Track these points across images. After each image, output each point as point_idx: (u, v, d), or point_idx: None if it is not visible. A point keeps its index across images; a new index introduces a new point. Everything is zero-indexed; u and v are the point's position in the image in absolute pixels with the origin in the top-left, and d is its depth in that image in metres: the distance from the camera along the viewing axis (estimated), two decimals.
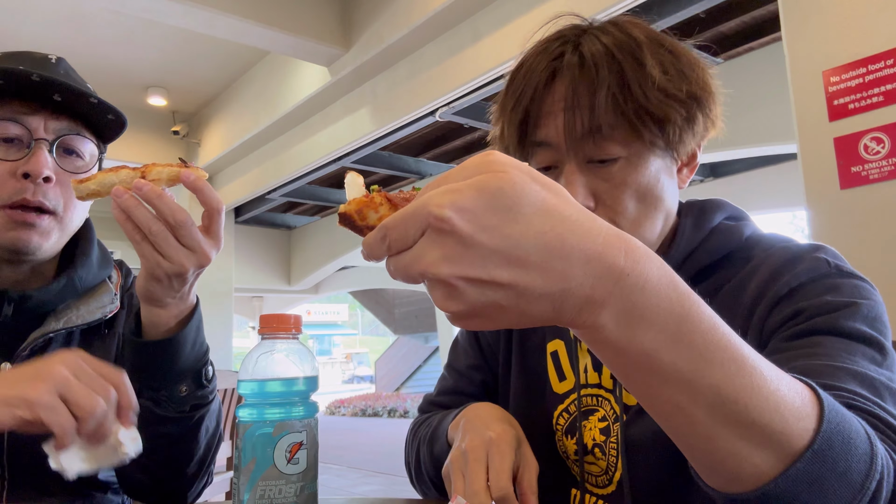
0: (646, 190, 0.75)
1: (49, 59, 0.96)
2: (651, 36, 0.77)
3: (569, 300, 0.38)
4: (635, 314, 0.39)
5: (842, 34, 2.41)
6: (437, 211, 0.37)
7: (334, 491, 6.23)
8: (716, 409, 0.41)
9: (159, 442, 0.87)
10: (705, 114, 0.77)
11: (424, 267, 0.38)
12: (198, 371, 0.87)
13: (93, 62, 5.43)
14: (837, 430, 0.43)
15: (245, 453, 0.59)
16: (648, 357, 0.40)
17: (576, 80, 0.74)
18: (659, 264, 0.41)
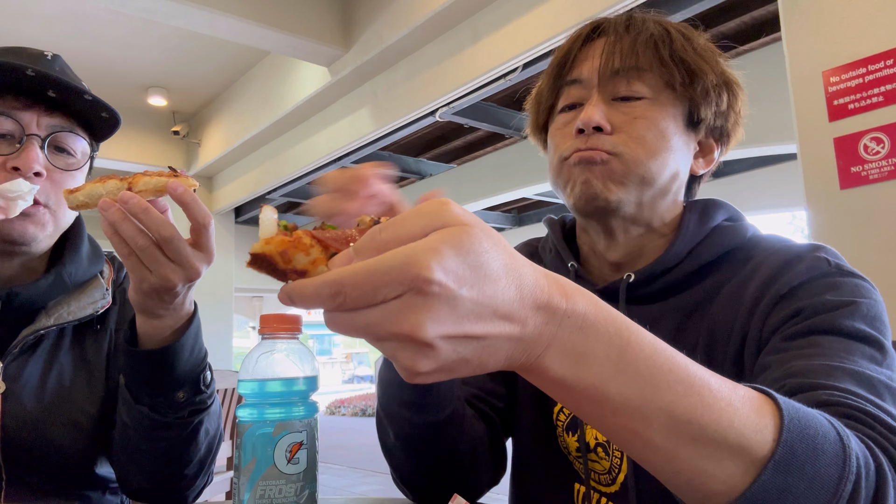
0: (663, 132, 0.76)
1: (45, 55, 0.96)
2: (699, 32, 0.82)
3: (519, 346, 0.39)
4: (577, 351, 0.40)
5: (842, 34, 2.41)
6: (427, 273, 0.36)
7: (334, 491, 6.23)
8: (671, 430, 0.41)
9: (158, 445, 0.87)
10: (731, 99, 0.80)
11: (408, 329, 0.36)
12: (196, 377, 0.86)
13: (93, 62, 5.43)
14: (800, 436, 0.43)
15: (245, 453, 0.59)
16: (596, 389, 0.41)
17: (620, 33, 0.78)
18: (594, 300, 0.42)
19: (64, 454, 0.92)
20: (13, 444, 0.89)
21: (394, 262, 0.36)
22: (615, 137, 0.76)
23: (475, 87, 4.21)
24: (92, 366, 0.98)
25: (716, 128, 0.81)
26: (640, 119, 0.76)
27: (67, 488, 0.94)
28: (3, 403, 0.89)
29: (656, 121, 0.76)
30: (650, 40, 0.76)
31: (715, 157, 0.84)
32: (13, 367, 0.92)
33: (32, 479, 0.91)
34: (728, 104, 0.80)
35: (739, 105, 0.82)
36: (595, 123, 0.75)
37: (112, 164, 6.40)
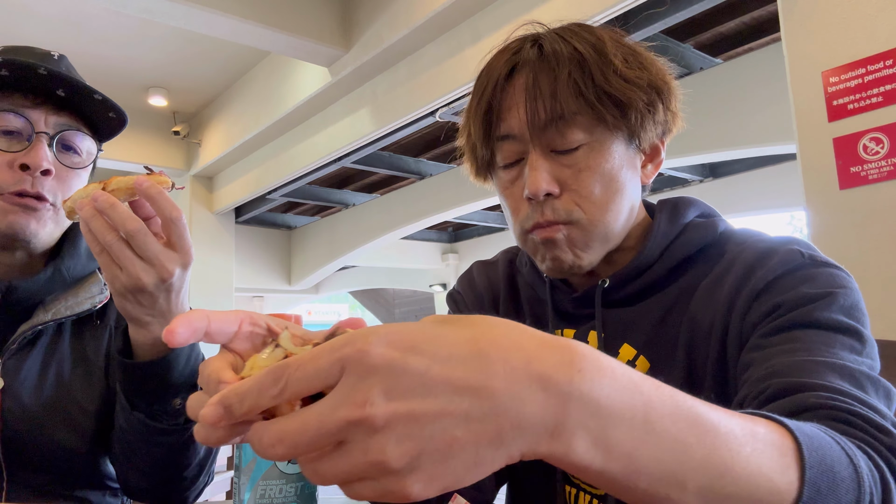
0: (610, 175, 0.75)
1: (51, 55, 0.96)
2: (611, 35, 0.78)
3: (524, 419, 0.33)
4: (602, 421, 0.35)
5: (841, 34, 2.41)
6: (359, 341, 0.32)
7: (334, 490, 6.21)
8: (706, 490, 0.38)
9: (156, 450, 0.86)
10: (666, 105, 0.78)
11: (357, 409, 0.31)
12: (192, 385, 0.85)
13: (93, 62, 5.43)
14: (821, 470, 0.42)
15: (245, 453, 0.59)
16: (629, 461, 0.36)
17: (536, 71, 0.74)
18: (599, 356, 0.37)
19: (64, 452, 0.92)
20: (13, 441, 0.89)
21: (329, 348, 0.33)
22: (566, 201, 0.75)
23: None
24: (91, 362, 0.97)
25: (658, 133, 0.80)
26: (585, 171, 0.74)
27: (69, 488, 0.94)
28: (3, 400, 0.89)
29: (600, 166, 0.74)
30: (569, 80, 0.72)
31: (662, 156, 0.83)
32: (12, 362, 0.92)
33: (34, 478, 0.91)
34: (664, 110, 0.78)
35: (674, 103, 0.79)
36: (544, 192, 0.74)
37: (112, 164, 6.40)
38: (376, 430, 0.32)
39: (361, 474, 0.33)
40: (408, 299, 20.66)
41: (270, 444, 0.34)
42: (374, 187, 8.38)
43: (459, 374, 0.33)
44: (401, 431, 0.32)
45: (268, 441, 0.34)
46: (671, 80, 0.79)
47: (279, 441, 0.33)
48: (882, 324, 2.11)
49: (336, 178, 7.96)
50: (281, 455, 0.34)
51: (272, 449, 0.34)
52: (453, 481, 0.33)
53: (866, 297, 0.71)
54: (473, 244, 11.06)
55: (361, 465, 0.32)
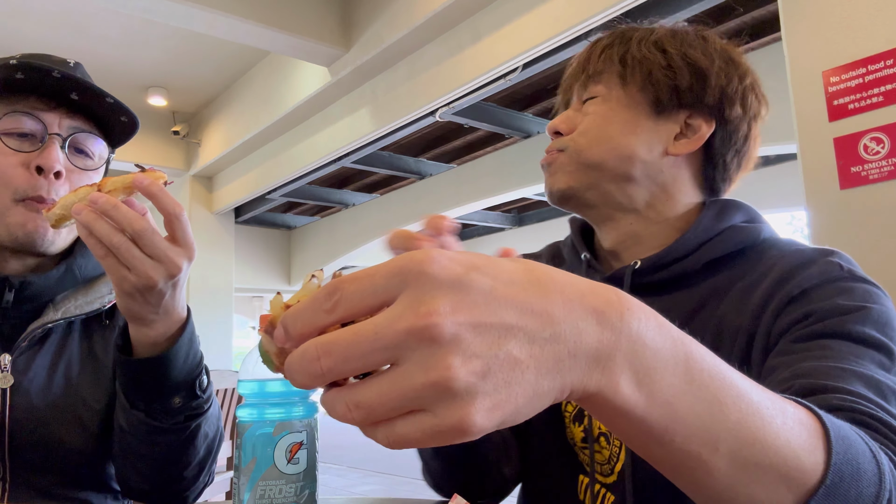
0: (604, 121, 0.82)
1: (67, 62, 0.97)
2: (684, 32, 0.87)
3: (580, 348, 0.33)
4: (647, 362, 0.35)
5: (842, 34, 2.41)
6: (419, 257, 0.31)
7: (334, 491, 6.23)
8: (736, 454, 0.38)
9: (155, 449, 0.86)
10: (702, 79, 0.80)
11: (422, 317, 0.30)
12: (191, 383, 0.85)
13: (93, 62, 5.41)
14: (846, 458, 0.42)
15: (245, 453, 0.59)
16: (669, 409, 0.36)
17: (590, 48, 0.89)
18: (644, 307, 0.37)
19: (69, 452, 0.92)
20: (20, 440, 0.89)
21: (386, 265, 0.32)
22: (566, 137, 0.85)
23: (475, 87, 4.21)
24: (99, 361, 0.98)
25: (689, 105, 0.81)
26: (591, 115, 0.84)
27: (72, 490, 0.94)
28: (11, 397, 0.90)
29: (602, 113, 0.83)
30: (606, 49, 0.85)
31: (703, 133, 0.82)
32: (21, 360, 0.93)
33: (37, 479, 0.91)
34: (697, 81, 0.80)
35: (716, 80, 0.81)
36: (553, 129, 0.86)
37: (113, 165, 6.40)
38: (442, 342, 0.30)
39: (415, 402, 0.30)
40: None
41: (315, 357, 0.31)
42: (374, 187, 8.38)
43: (523, 297, 0.32)
44: (467, 346, 0.30)
45: (312, 353, 0.31)
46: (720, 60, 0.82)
47: (326, 353, 0.31)
48: None
49: (336, 178, 7.96)
50: (325, 370, 0.31)
51: (316, 363, 0.31)
52: (513, 412, 0.31)
53: None
54: (473, 244, 11.06)
55: (418, 388, 0.30)
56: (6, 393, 0.90)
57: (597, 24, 3.47)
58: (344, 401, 0.32)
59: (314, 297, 0.33)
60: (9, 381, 0.90)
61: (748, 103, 0.83)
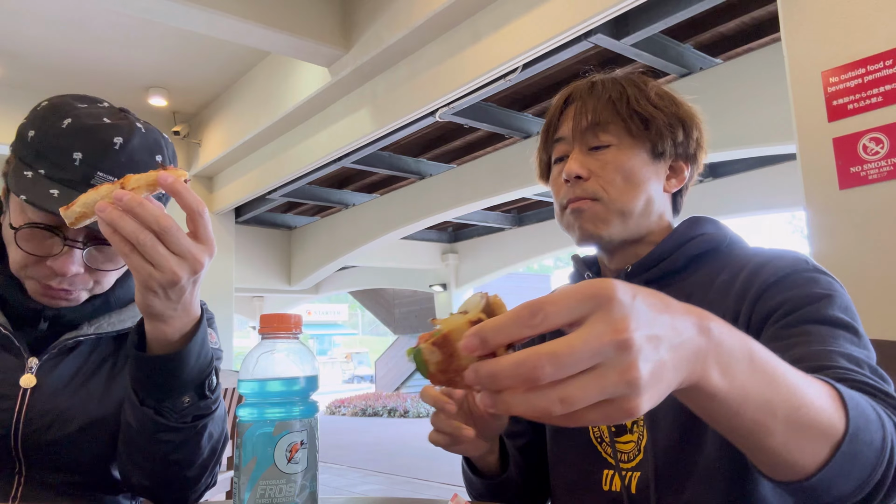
0: (629, 171, 0.95)
1: (113, 144, 0.89)
2: (655, 82, 1.01)
3: (690, 352, 0.44)
4: (727, 359, 0.47)
5: (841, 34, 2.41)
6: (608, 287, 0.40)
7: (334, 491, 6.23)
8: (789, 418, 0.50)
9: (161, 447, 0.87)
10: (688, 133, 0.99)
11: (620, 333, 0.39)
12: (201, 382, 0.86)
13: (93, 62, 5.43)
14: (858, 411, 0.55)
15: (245, 453, 0.59)
16: (743, 390, 0.48)
17: (584, 97, 0.99)
18: (720, 319, 0.48)
19: (83, 453, 0.93)
20: (35, 438, 0.90)
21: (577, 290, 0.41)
22: (593, 183, 0.95)
23: (475, 87, 4.22)
24: (123, 375, 0.99)
25: (679, 154, 0.99)
26: (610, 164, 0.95)
27: (85, 490, 0.95)
28: (31, 397, 0.92)
29: (622, 163, 0.95)
30: (609, 101, 0.96)
31: (686, 175, 1.02)
32: (48, 365, 0.95)
33: (50, 477, 0.92)
34: (685, 135, 0.98)
35: (697, 133, 1.00)
36: (575, 173, 0.95)
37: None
38: (633, 350, 0.39)
39: (610, 393, 0.40)
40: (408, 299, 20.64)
41: (540, 365, 0.39)
42: (374, 187, 8.38)
43: (664, 316, 0.43)
44: (646, 352, 0.40)
45: (534, 362, 0.39)
46: (694, 121, 1.00)
47: (549, 361, 0.39)
48: (882, 324, 2.11)
49: (336, 178, 7.96)
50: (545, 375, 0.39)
51: (537, 370, 0.39)
52: (657, 399, 0.42)
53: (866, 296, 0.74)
54: (473, 244, 11.06)
55: (613, 384, 0.39)
56: (26, 393, 0.92)
57: (597, 24, 3.47)
58: (551, 397, 0.40)
59: (517, 315, 0.40)
60: (31, 381, 0.92)
61: (705, 148, 1.04)
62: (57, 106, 0.92)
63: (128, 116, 0.94)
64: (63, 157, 0.87)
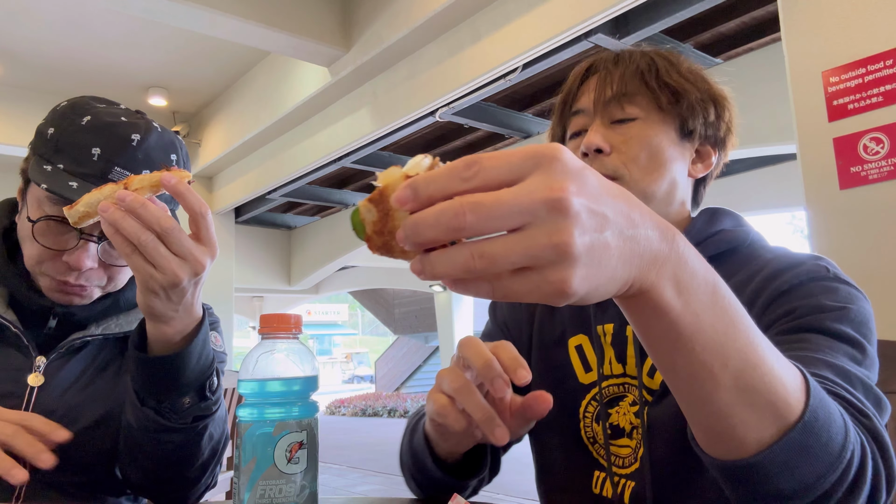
0: (655, 148, 0.86)
1: (131, 140, 0.90)
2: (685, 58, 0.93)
3: (647, 251, 0.41)
4: (683, 280, 0.43)
5: (841, 34, 2.41)
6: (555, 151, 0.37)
7: (334, 491, 6.23)
8: (739, 374, 0.45)
9: (161, 447, 0.87)
10: (719, 114, 0.90)
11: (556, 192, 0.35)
12: (202, 384, 0.86)
13: (93, 62, 5.43)
14: (821, 404, 0.49)
15: (245, 453, 0.59)
16: (696, 319, 0.43)
17: (610, 67, 0.90)
18: (687, 240, 0.45)
19: (87, 453, 0.93)
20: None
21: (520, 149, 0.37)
22: (614, 158, 0.86)
23: (475, 87, 4.21)
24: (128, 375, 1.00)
25: (709, 136, 0.91)
26: (634, 139, 0.86)
27: (90, 490, 0.95)
28: (37, 396, 0.92)
29: (648, 138, 0.86)
30: (636, 71, 0.88)
31: (713, 161, 0.93)
32: (55, 364, 0.96)
33: (55, 476, 0.92)
34: (716, 115, 0.90)
35: (728, 115, 0.92)
36: (595, 146, 0.86)
37: None
38: (568, 214, 0.35)
39: (534, 259, 0.36)
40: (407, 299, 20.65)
41: (460, 212, 0.35)
42: (374, 187, 8.37)
43: (618, 201, 0.39)
44: (584, 222, 0.36)
45: (456, 209, 0.35)
46: (727, 101, 0.92)
47: (472, 210, 0.35)
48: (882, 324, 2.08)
49: (336, 178, 7.96)
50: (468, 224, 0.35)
51: (460, 217, 0.35)
52: (594, 287, 0.38)
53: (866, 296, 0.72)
54: None
55: (540, 247, 0.35)
56: (33, 392, 0.92)
57: (597, 24, 3.47)
58: (470, 251, 0.36)
59: (451, 167, 0.37)
60: (39, 380, 0.93)
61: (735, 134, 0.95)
62: (76, 105, 0.93)
63: (144, 117, 0.95)
64: (82, 152, 0.88)
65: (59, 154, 0.89)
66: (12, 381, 0.92)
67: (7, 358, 0.94)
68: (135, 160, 0.90)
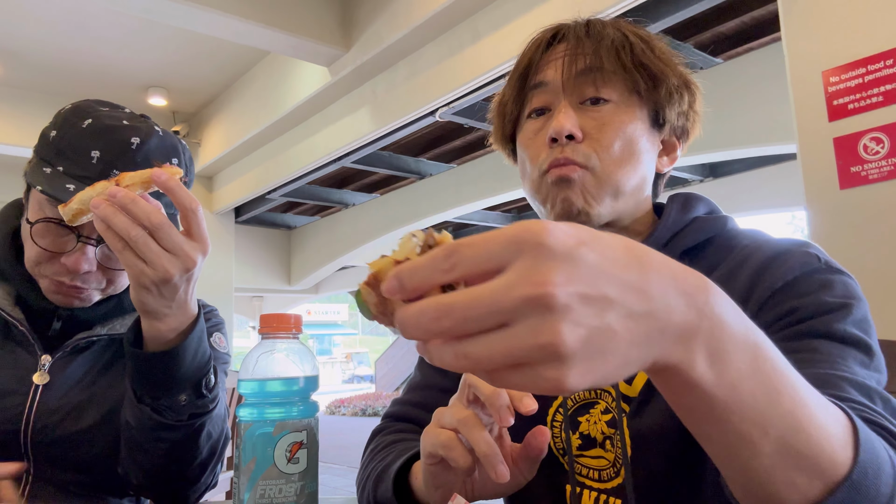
0: (630, 137, 0.78)
1: (130, 144, 0.90)
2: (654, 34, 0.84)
3: (669, 326, 0.36)
4: (722, 345, 0.38)
5: (842, 34, 2.41)
6: (539, 231, 0.33)
7: (334, 491, 6.22)
8: (782, 441, 0.41)
9: (158, 445, 0.87)
10: (691, 102, 0.83)
11: (538, 287, 0.32)
12: (198, 381, 0.86)
13: (93, 62, 5.43)
14: (871, 458, 0.44)
15: (245, 453, 0.59)
16: (733, 390, 0.39)
17: (580, 37, 0.79)
18: (725, 295, 0.40)
19: (90, 453, 0.93)
20: (43, 435, 0.91)
21: (502, 233, 0.34)
22: (586, 146, 0.77)
23: (475, 87, 4.21)
24: None
25: (678, 127, 0.84)
26: (609, 125, 0.77)
27: (91, 490, 0.95)
28: (42, 394, 0.93)
29: (624, 126, 0.78)
30: (612, 46, 0.78)
31: (678, 154, 0.86)
32: (60, 363, 0.96)
33: (58, 475, 0.93)
34: (689, 104, 0.83)
35: (698, 104, 0.85)
36: (567, 132, 0.76)
37: None
38: (554, 310, 0.32)
39: (521, 358, 0.33)
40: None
41: (435, 318, 0.33)
42: (374, 187, 8.37)
43: (625, 274, 0.34)
44: (575, 315, 0.32)
45: (432, 314, 0.33)
46: (698, 89, 0.85)
47: (446, 314, 0.33)
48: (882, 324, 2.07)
49: (336, 178, 7.95)
50: (443, 329, 0.33)
51: (435, 322, 0.33)
52: (601, 377, 0.34)
53: (866, 296, 0.71)
54: None
55: (526, 348, 0.32)
56: (38, 390, 0.93)
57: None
58: (454, 351, 0.34)
59: (432, 256, 0.35)
60: (45, 378, 0.94)
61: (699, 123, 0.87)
62: (79, 108, 0.94)
63: (147, 121, 0.95)
64: (82, 155, 0.89)
65: (60, 157, 0.89)
66: (17, 379, 0.93)
67: (13, 356, 0.94)
68: (134, 163, 0.90)
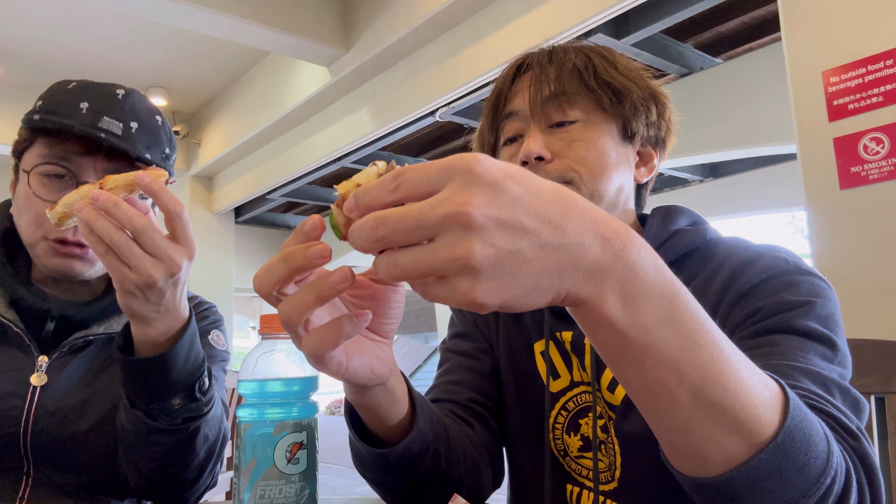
0: (601, 150, 0.81)
1: (116, 94, 0.94)
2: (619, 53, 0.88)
3: (581, 262, 0.39)
4: (633, 291, 0.41)
5: (841, 34, 2.41)
6: (471, 162, 0.37)
7: (334, 491, 6.23)
8: (698, 390, 0.43)
9: (155, 449, 0.87)
10: (660, 111, 0.86)
11: (458, 206, 0.36)
12: (191, 385, 0.85)
13: (93, 62, 5.43)
14: (800, 426, 0.45)
15: (245, 453, 0.59)
16: (646, 333, 0.41)
17: (544, 64, 0.84)
18: (647, 246, 0.43)
19: (89, 454, 0.93)
20: (42, 437, 0.91)
21: (441, 160, 0.38)
22: (557, 164, 0.81)
23: (475, 87, 4.21)
24: None
25: (650, 137, 0.87)
26: (578, 142, 0.81)
27: (91, 491, 0.95)
28: (40, 395, 0.92)
29: (593, 140, 0.81)
30: (574, 69, 0.82)
31: (655, 163, 0.89)
32: (57, 363, 0.95)
33: (57, 477, 0.92)
34: (657, 114, 0.86)
35: (668, 114, 0.88)
36: (536, 154, 0.80)
37: None
38: (470, 228, 0.36)
39: (440, 270, 0.37)
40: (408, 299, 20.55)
41: (373, 226, 0.38)
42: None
43: (544, 209, 0.38)
44: (489, 236, 0.36)
45: (371, 223, 0.38)
46: (667, 100, 0.88)
47: (381, 224, 0.38)
48: (882, 324, 2.11)
49: (336, 178, 7.95)
50: (378, 237, 0.38)
51: (374, 230, 0.38)
52: (511, 298, 0.38)
53: (866, 296, 0.71)
54: None
55: (443, 260, 0.37)
56: (36, 391, 0.92)
57: (597, 23, 3.47)
58: (388, 260, 0.39)
59: (383, 179, 0.40)
60: (43, 380, 0.93)
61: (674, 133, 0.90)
62: (63, 80, 0.97)
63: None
64: (70, 107, 0.90)
65: (49, 114, 0.91)
66: (15, 381, 0.92)
67: (10, 358, 0.94)
68: (122, 111, 0.92)
